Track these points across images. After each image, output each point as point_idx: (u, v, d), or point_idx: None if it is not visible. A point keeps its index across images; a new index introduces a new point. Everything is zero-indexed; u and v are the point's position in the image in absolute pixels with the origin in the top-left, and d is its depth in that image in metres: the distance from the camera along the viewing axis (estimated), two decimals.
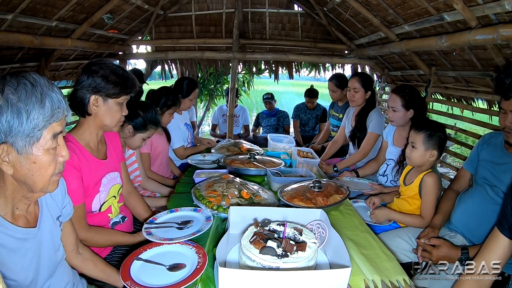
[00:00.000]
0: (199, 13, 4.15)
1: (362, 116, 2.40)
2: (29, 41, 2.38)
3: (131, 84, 1.28)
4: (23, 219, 0.86)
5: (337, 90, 3.04)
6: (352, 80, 2.44)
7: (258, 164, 1.92)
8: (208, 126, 6.83)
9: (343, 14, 3.29)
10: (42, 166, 0.77)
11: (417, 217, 1.54)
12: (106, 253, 1.37)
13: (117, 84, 1.22)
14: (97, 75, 1.20)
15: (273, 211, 1.20)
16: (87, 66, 1.23)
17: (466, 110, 2.62)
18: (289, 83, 19.18)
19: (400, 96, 1.88)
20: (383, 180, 2.06)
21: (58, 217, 0.98)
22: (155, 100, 2.11)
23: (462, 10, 1.77)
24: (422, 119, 1.66)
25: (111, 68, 1.23)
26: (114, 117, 1.27)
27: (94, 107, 1.22)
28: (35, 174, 0.77)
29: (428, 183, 1.51)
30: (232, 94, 4.10)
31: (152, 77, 5.33)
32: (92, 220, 1.31)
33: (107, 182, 1.33)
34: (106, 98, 1.23)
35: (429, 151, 1.50)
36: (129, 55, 4.24)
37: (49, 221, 0.94)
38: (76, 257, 1.11)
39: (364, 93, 2.38)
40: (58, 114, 0.77)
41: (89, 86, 1.20)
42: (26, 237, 0.85)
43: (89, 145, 1.28)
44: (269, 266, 0.89)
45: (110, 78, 1.21)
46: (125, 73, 1.27)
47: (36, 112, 0.72)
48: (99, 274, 1.16)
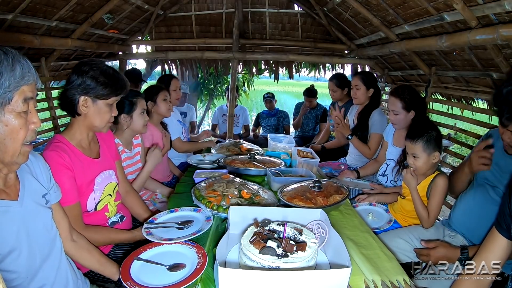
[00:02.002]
0: (199, 13, 4.15)
1: (365, 114, 2.41)
2: (29, 41, 2.37)
3: (121, 85, 1.27)
4: (2, 194, 0.88)
5: (337, 89, 3.05)
6: (354, 78, 2.50)
7: (258, 164, 1.92)
8: (208, 126, 6.83)
9: (343, 14, 3.29)
10: (13, 130, 0.81)
11: (427, 212, 1.51)
12: (105, 252, 1.37)
13: (107, 85, 1.21)
14: (86, 76, 1.19)
15: (273, 211, 1.20)
16: (77, 66, 1.22)
17: (466, 110, 2.61)
18: (289, 83, 19.18)
19: (399, 98, 1.87)
20: (383, 180, 2.06)
21: (44, 195, 0.99)
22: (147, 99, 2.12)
23: (462, 10, 1.77)
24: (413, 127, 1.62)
25: (101, 69, 1.22)
26: (103, 118, 1.27)
27: (83, 108, 1.22)
28: (7, 138, 0.81)
29: (439, 184, 1.50)
30: (232, 94, 4.10)
31: (152, 77, 5.32)
32: (89, 219, 1.31)
33: (101, 180, 1.32)
34: (95, 99, 1.22)
35: (432, 155, 1.50)
36: (129, 55, 4.24)
37: (33, 197, 0.95)
38: (71, 245, 1.11)
39: (366, 91, 2.41)
40: (29, 77, 0.81)
41: (79, 87, 1.19)
42: (6, 209, 0.87)
43: (81, 144, 1.28)
44: (269, 266, 0.89)
45: (99, 79, 1.20)
46: (115, 74, 1.26)
47: (7, 74, 0.77)
48: (95, 264, 1.16)
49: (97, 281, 1.25)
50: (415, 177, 1.53)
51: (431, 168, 1.54)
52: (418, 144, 1.49)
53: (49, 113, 2.93)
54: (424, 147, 1.49)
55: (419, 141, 1.49)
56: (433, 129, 1.52)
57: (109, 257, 1.36)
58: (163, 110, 2.19)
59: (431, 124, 1.56)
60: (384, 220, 1.68)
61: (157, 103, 2.16)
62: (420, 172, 1.55)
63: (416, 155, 1.51)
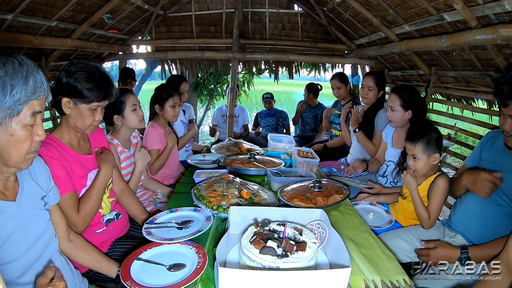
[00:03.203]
0: (199, 13, 4.15)
1: (370, 114, 2.42)
2: (29, 41, 2.37)
3: (105, 92, 1.23)
4: (1, 194, 0.89)
5: (342, 85, 3.05)
6: (367, 78, 2.49)
7: (258, 164, 1.92)
8: (209, 126, 6.83)
9: (343, 14, 3.28)
10: (18, 140, 0.82)
11: (427, 213, 1.51)
12: (103, 251, 1.37)
13: (89, 90, 1.19)
14: (71, 78, 1.18)
15: (273, 211, 1.20)
16: (66, 65, 1.22)
17: (466, 110, 2.61)
18: (289, 83, 19.17)
19: (399, 95, 1.89)
20: (383, 181, 2.06)
21: (43, 197, 1.00)
22: (156, 101, 2.13)
23: (462, 10, 1.77)
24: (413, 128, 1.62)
25: (87, 72, 1.19)
26: (85, 122, 1.24)
27: (66, 108, 1.22)
28: (11, 147, 0.82)
29: (440, 184, 1.50)
30: (232, 94, 4.10)
31: (152, 77, 5.32)
32: None
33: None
34: (77, 102, 1.21)
35: (432, 156, 1.50)
36: (129, 55, 4.24)
37: (31, 199, 0.96)
38: (68, 245, 1.12)
39: (377, 92, 2.44)
40: (40, 93, 0.83)
41: (63, 88, 1.19)
42: (3, 210, 0.87)
43: (71, 142, 1.28)
44: (269, 266, 0.89)
45: (83, 84, 1.18)
46: (101, 80, 1.22)
47: (19, 87, 0.78)
48: (92, 262, 1.16)
49: (96, 280, 1.25)
50: (415, 178, 1.53)
51: (431, 170, 1.54)
52: (418, 146, 1.49)
53: (49, 113, 2.93)
54: (424, 149, 1.49)
55: (419, 142, 1.49)
56: (433, 131, 1.52)
57: (108, 256, 1.36)
58: (170, 117, 2.16)
59: (431, 126, 1.57)
60: (385, 221, 1.68)
61: (164, 109, 2.12)
62: (420, 174, 1.54)
63: (416, 157, 1.51)
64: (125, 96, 1.72)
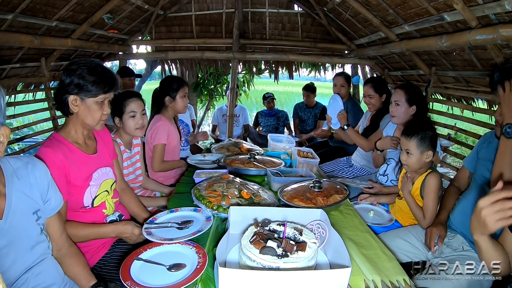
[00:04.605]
0: (199, 13, 4.15)
1: (377, 117, 2.45)
2: (29, 41, 2.37)
3: (110, 83, 1.26)
4: None
5: (346, 84, 3.12)
6: (365, 87, 2.55)
7: (258, 164, 1.92)
8: (209, 126, 6.83)
9: (343, 14, 3.29)
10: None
11: (422, 212, 1.53)
12: (104, 251, 1.38)
13: (94, 83, 1.21)
14: (74, 75, 1.19)
15: (273, 211, 1.20)
16: (67, 65, 1.23)
17: (466, 110, 2.61)
18: (289, 83, 19.16)
19: (405, 91, 1.94)
20: (383, 179, 2.06)
21: (35, 211, 0.97)
22: (165, 93, 2.10)
23: (462, 10, 1.77)
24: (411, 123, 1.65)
25: (89, 67, 1.21)
26: (94, 117, 1.26)
27: (73, 107, 1.23)
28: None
29: (430, 183, 1.51)
30: (232, 94, 4.10)
31: (152, 77, 5.32)
32: (87, 216, 1.31)
33: (98, 176, 1.33)
34: (84, 98, 1.22)
35: (425, 153, 1.52)
36: (129, 55, 4.24)
37: (19, 214, 0.93)
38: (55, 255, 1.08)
39: (379, 97, 2.48)
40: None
41: (68, 86, 1.20)
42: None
43: (77, 142, 1.29)
44: (269, 266, 0.89)
45: (86, 78, 1.20)
46: (103, 72, 1.25)
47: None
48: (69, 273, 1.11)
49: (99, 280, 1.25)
50: (409, 181, 1.57)
51: (423, 167, 1.56)
52: (413, 141, 1.52)
53: (49, 113, 2.93)
54: (417, 144, 1.51)
55: (414, 137, 1.52)
56: (429, 129, 1.55)
57: (109, 256, 1.36)
58: (181, 107, 2.15)
59: (429, 124, 1.59)
60: (385, 219, 1.69)
61: (176, 100, 2.10)
62: (412, 169, 1.57)
63: (409, 151, 1.54)
64: (127, 100, 1.72)
